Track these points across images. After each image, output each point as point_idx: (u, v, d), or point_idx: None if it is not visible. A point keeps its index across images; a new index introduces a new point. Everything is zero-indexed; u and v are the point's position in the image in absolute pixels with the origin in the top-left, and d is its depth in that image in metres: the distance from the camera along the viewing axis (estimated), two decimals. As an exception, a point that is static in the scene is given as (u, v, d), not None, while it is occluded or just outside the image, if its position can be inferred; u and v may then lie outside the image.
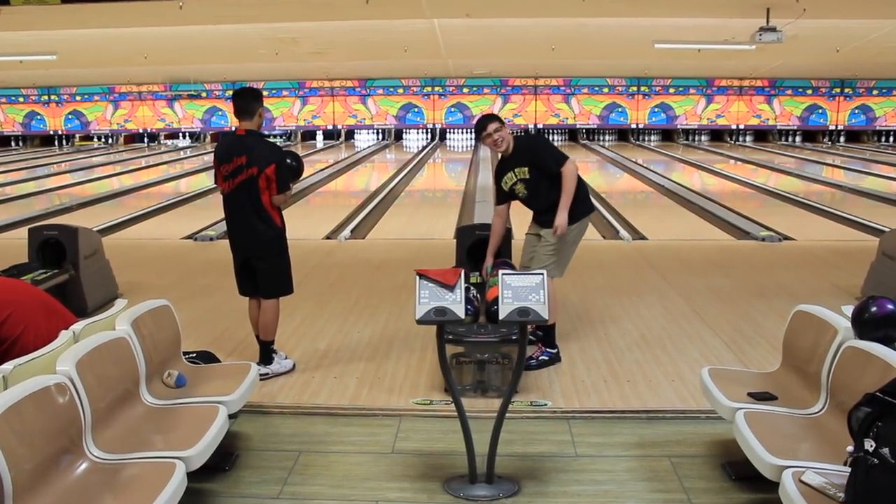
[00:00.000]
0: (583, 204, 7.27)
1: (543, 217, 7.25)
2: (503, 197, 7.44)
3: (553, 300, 7.09)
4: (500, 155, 7.44)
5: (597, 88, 37.96)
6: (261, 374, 6.70)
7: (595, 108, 38.16)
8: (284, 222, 7.10)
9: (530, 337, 7.29)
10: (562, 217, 6.99)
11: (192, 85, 38.30)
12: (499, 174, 7.39)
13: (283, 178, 6.90)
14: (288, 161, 7.04)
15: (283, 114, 38.83)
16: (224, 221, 7.31)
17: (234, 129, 7.11)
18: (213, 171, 7.29)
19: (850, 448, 3.58)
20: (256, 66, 31.67)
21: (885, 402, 3.47)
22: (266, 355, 7.13)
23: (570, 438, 5.81)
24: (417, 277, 4.93)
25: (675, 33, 22.28)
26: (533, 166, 7.15)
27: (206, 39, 23.95)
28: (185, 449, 4.43)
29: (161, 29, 21.72)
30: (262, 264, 7.08)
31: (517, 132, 35.97)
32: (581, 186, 7.22)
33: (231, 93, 11.37)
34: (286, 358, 7.30)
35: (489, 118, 7.27)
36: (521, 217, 7.85)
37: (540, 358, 7.23)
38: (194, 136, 40.10)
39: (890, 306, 4.80)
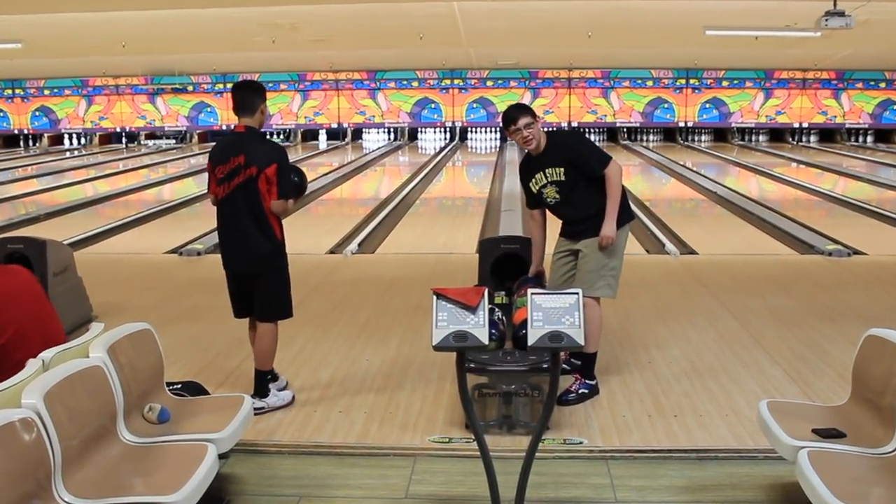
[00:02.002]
0: (625, 211, 7.27)
1: (577, 228, 7.24)
2: (535, 200, 7.42)
3: (595, 324, 7.14)
4: (526, 152, 7.41)
5: (639, 82, 37.98)
6: (256, 408, 6.63)
7: (637, 104, 38.17)
8: (284, 235, 7.04)
9: (564, 366, 7.28)
10: (610, 226, 7.05)
11: (177, 77, 38.47)
12: (526, 174, 7.38)
13: (285, 181, 6.83)
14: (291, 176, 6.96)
15: (280, 110, 38.93)
16: (216, 233, 7.30)
17: (231, 126, 7.16)
18: (200, 175, 7.36)
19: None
20: (250, 55, 31.79)
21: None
22: (262, 387, 7.08)
23: (608, 481, 5.80)
24: (434, 297, 4.93)
25: (728, 18, 22.27)
26: (570, 166, 7.11)
27: (193, 25, 24.04)
28: (168, 494, 4.43)
29: (141, 13, 21.81)
30: (258, 282, 7.02)
31: (548, 129, 35.84)
32: (622, 191, 7.24)
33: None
34: (285, 388, 7.29)
35: (520, 109, 7.21)
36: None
37: (579, 391, 7.22)
38: (179, 136, 40.25)
39: None
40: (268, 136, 7.35)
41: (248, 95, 6.91)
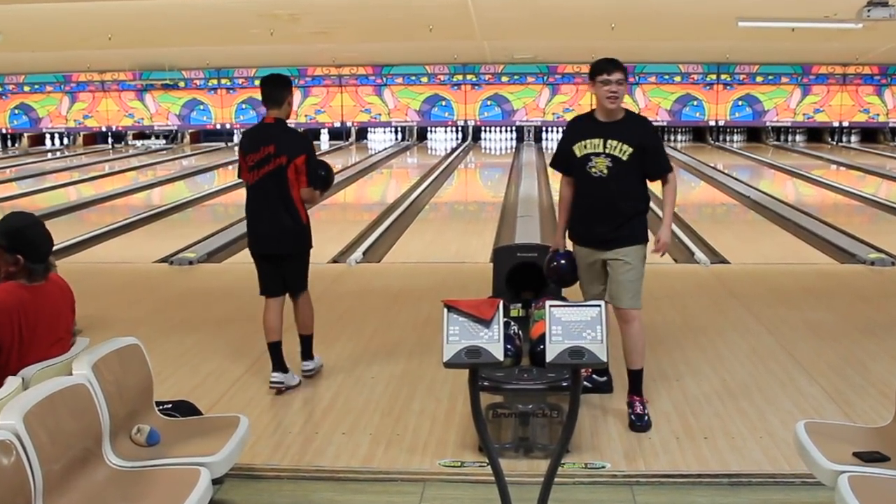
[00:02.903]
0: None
1: (613, 233, 7.14)
2: (568, 164, 7.35)
3: (643, 336, 7.25)
4: (594, 117, 7.26)
5: (667, 77, 37.92)
6: (306, 370, 8.25)
7: (665, 101, 38.10)
8: (309, 220, 8.11)
9: (586, 384, 7.29)
10: (668, 232, 7.26)
11: (168, 73, 38.41)
12: (576, 134, 7.28)
13: (313, 170, 7.92)
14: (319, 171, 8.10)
15: (278, 107, 38.96)
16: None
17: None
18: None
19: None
20: (247, 49, 31.78)
21: None
22: (310, 349, 8.34)
23: (633, 510, 5.81)
24: (445, 310, 4.94)
25: (763, 8, 22.23)
26: (641, 152, 7.08)
27: (185, 16, 24.06)
28: (158, 521, 4.44)
29: (129, 3, 21.81)
30: (289, 262, 8.11)
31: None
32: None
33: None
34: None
35: (615, 63, 7.07)
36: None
37: (647, 412, 7.21)
38: (170, 136, 40.32)
39: None
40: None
41: (276, 88, 7.91)
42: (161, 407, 6.04)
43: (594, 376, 7.50)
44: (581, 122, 7.35)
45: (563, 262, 7.45)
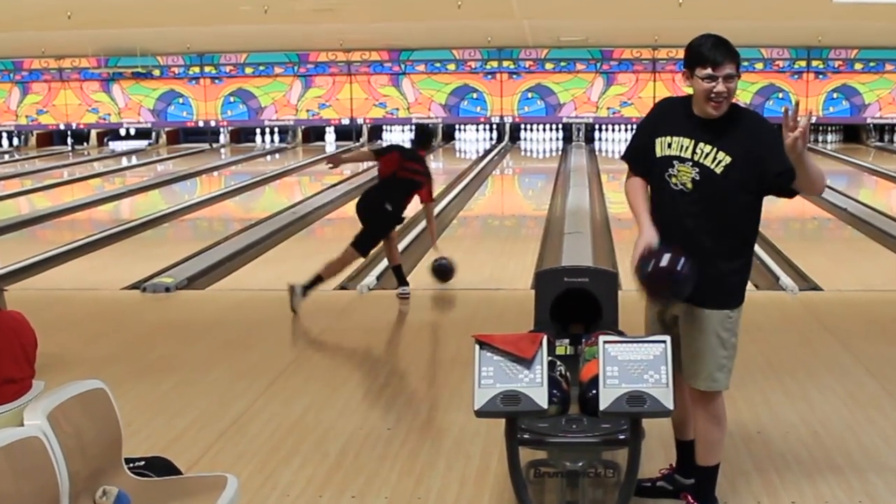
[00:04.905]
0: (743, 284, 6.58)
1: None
2: (644, 165, 6.46)
3: (723, 428, 6.60)
4: (689, 107, 6.36)
5: (746, 64, 37.52)
6: (402, 294, 13.11)
7: (744, 94, 37.89)
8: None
9: (665, 484, 7.10)
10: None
11: (140, 58, 38.47)
12: (661, 127, 6.39)
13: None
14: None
15: (275, 101, 39.11)
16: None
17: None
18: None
19: None
20: (235, 30, 31.90)
21: None
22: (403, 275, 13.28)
23: (705, 590, 5.81)
24: (477, 347, 4.96)
25: (863, -20, 22.27)
26: (745, 163, 6.11)
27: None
28: None
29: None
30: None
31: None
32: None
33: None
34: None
35: (725, 50, 6.42)
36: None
37: None
38: (144, 136, 40.38)
39: None
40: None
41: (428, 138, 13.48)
42: (132, 465, 6.05)
43: (677, 476, 6.91)
44: (671, 107, 6.55)
45: (669, 256, 5.96)
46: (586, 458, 6.67)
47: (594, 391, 4.90)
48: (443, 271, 13.29)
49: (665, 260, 5.89)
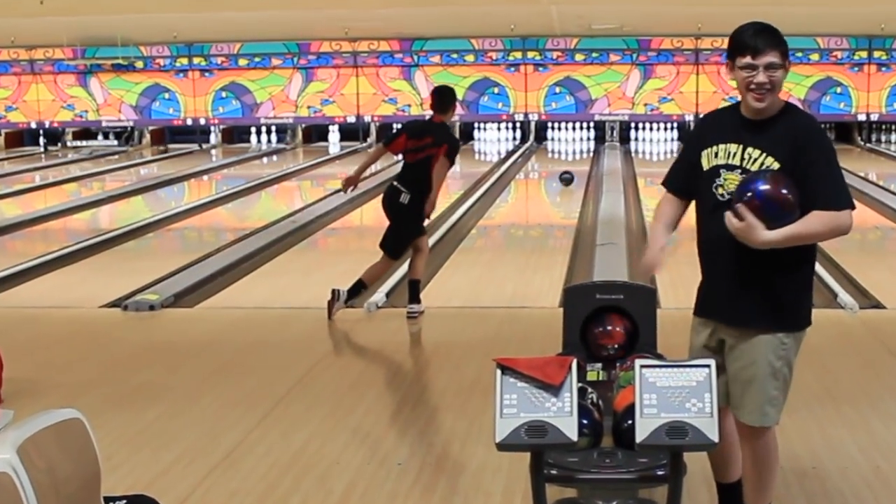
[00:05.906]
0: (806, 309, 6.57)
1: (733, 300, 6.15)
2: (683, 183, 6.49)
3: (776, 466, 6.51)
4: (738, 112, 6.36)
5: (800, 55, 37.70)
6: (413, 313, 12.91)
7: (797, 88, 37.93)
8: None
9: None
10: (772, 235, 5.76)
11: (120, 49, 38.52)
12: (710, 133, 6.37)
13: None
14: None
15: (272, 97, 39.11)
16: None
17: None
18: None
19: None
20: (228, 17, 31.97)
21: None
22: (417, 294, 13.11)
23: None
24: (499, 372, 4.93)
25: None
26: (794, 166, 5.93)
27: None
28: None
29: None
30: None
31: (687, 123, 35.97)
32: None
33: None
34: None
35: (769, 36, 6.33)
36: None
37: None
38: (124, 135, 40.49)
39: None
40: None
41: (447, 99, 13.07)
42: (112, 503, 6.05)
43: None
44: (716, 116, 6.61)
45: (762, 185, 5.90)
46: (620, 497, 6.66)
47: (630, 421, 4.87)
48: (570, 181, 15.28)
49: (751, 192, 5.83)
